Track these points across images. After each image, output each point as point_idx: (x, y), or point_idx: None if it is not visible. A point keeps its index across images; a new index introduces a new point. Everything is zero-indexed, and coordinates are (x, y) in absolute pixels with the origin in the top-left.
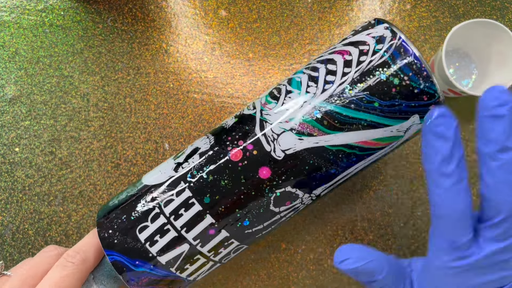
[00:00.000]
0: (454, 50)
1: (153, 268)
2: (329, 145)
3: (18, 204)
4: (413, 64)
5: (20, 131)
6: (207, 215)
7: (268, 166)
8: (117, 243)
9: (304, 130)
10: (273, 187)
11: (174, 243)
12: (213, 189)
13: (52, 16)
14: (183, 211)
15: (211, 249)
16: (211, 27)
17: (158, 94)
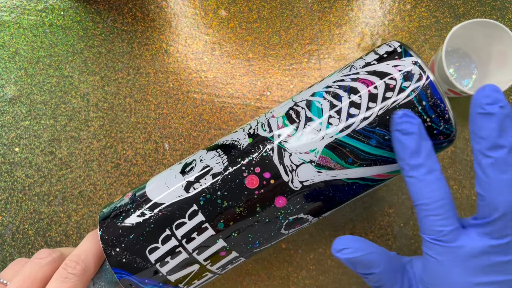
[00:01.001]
0: (454, 50)
1: (162, 285)
2: (346, 178)
3: (18, 204)
4: (437, 106)
5: (20, 131)
6: (219, 239)
7: (284, 196)
8: (126, 262)
9: (323, 163)
10: (287, 215)
11: (185, 264)
12: (227, 215)
13: (52, 16)
14: (196, 235)
15: (220, 267)
16: (211, 27)
17: (158, 94)
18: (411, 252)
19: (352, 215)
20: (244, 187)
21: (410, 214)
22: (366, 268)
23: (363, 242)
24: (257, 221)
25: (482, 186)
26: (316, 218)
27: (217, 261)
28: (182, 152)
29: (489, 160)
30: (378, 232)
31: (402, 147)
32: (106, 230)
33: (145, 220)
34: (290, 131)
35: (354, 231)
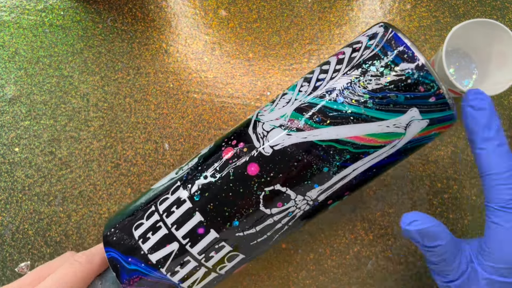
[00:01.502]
0: (454, 50)
1: (145, 267)
2: (318, 140)
3: (18, 204)
4: (404, 53)
5: (20, 131)
6: (196, 212)
7: (256, 162)
8: (115, 240)
9: (293, 125)
10: (261, 184)
11: (164, 241)
12: (203, 186)
13: (52, 16)
14: (175, 208)
15: (201, 250)
16: (211, 27)
17: (158, 94)
18: (411, 252)
19: (352, 215)
20: (220, 158)
21: None
22: (433, 240)
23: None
24: (231, 190)
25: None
26: (301, 197)
27: (196, 241)
28: (182, 152)
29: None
30: (378, 232)
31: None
32: (109, 219)
33: (138, 200)
34: (267, 108)
35: (354, 231)
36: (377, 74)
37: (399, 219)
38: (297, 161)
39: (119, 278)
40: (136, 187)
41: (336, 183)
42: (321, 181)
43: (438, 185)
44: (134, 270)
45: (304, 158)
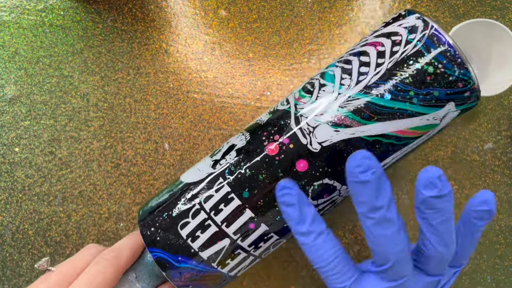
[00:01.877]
0: None
1: (196, 264)
2: (365, 136)
3: (18, 204)
4: (447, 52)
5: (20, 131)
6: (246, 209)
7: (305, 159)
8: (159, 240)
9: (340, 122)
10: (310, 179)
11: (215, 238)
12: (251, 183)
13: (52, 16)
14: (223, 206)
15: (251, 243)
16: (211, 27)
17: (158, 94)
18: None
19: (352, 215)
20: (265, 155)
21: (410, 215)
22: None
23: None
24: None
25: (372, 243)
26: (345, 186)
27: (247, 235)
28: (182, 152)
29: (371, 220)
30: None
31: (288, 218)
32: (142, 215)
33: (176, 198)
34: (306, 100)
35: (354, 231)
36: (421, 71)
37: None
38: (345, 156)
39: (170, 277)
40: (136, 187)
41: None
42: None
43: None
44: (185, 267)
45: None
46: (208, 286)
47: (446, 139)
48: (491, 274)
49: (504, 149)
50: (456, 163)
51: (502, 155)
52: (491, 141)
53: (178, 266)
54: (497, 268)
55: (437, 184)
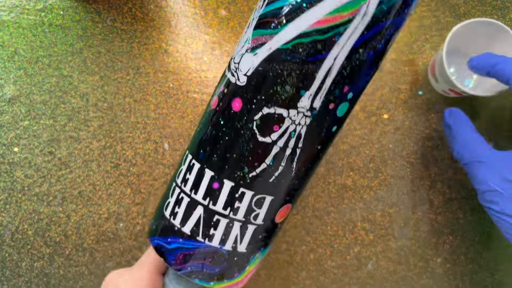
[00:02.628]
0: (455, 50)
1: (183, 242)
2: (282, 45)
3: (17, 204)
4: None
5: (19, 131)
6: (205, 169)
7: (237, 96)
8: (154, 228)
9: (255, 44)
10: (249, 115)
11: (189, 209)
12: (203, 142)
13: (51, 16)
14: (188, 174)
15: (225, 204)
16: (211, 26)
17: (157, 94)
18: (412, 253)
19: (352, 215)
20: (209, 111)
21: (410, 214)
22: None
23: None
24: (226, 135)
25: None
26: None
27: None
28: (182, 152)
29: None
30: (378, 232)
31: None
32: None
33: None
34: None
35: (354, 231)
36: None
37: (399, 219)
38: (272, 76)
39: (168, 262)
40: (135, 187)
41: (324, 81)
42: (306, 85)
43: (438, 185)
44: (175, 248)
45: (277, 69)
46: (210, 267)
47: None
48: (491, 274)
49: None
50: (457, 163)
51: None
52: (491, 141)
53: (169, 248)
54: (497, 268)
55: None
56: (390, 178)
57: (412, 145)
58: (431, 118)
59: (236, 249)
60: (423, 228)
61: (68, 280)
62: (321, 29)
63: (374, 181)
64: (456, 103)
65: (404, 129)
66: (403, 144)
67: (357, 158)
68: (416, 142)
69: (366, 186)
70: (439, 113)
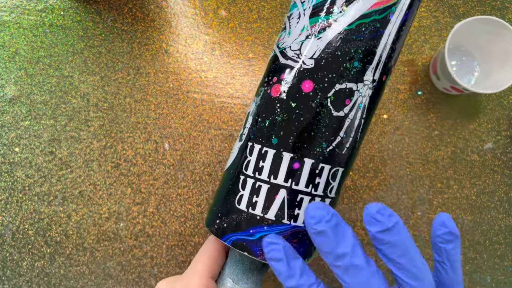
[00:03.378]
0: (456, 48)
1: (268, 229)
2: (347, 26)
3: (18, 204)
4: None
5: (20, 131)
6: (283, 153)
7: (306, 79)
8: (226, 225)
9: (317, 29)
10: (323, 93)
11: (271, 195)
12: (274, 128)
13: (52, 16)
14: (262, 162)
15: (307, 182)
16: (211, 27)
17: (158, 94)
18: None
19: (352, 215)
20: (272, 99)
21: (409, 214)
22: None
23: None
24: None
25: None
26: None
27: (298, 176)
28: (182, 152)
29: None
30: None
31: (278, 273)
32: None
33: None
34: (283, 35)
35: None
36: None
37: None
38: (341, 55)
39: (252, 254)
40: (136, 187)
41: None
42: (369, 60)
43: (438, 185)
44: (260, 237)
45: (344, 48)
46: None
47: (446, 139)
48: (491, 274)
49: (504, 149)
50: (456, 163)
51: (502, 155)
52: (491, 141)
53: (253, 239)
54: (497, 268)
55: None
56: (389, 178)
57: (412, 145)
58: (431, 118)
59: None
60: (423, 228)
61: (69, 279)
62: (379, 9)
63: (374, 181)
64: (457, 100)
65: (404, 129)
66: (403, 144)
67: (357, 158)
68: (416, 142)
69: (365, 186)
70: (438, 113)
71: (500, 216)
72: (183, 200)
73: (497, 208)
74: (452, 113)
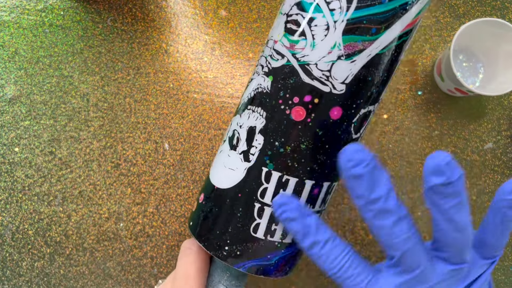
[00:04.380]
0: (461, 49)
1: (284, 252)
2: (382, 50)
3: (17, 204)
4: None
5: (19, 131)
6: (305, 181)
7: (335, 105)
8: (240, 253)
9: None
10: (349, 120)
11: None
12: (296, 156)
13: (52, 16)
14: (282, 191)
15: (320, 203)
16: (211, 27)
17: (158, 94)
18: None
19: (352, 215)
20: (295, 123)
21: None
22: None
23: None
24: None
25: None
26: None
27: (315, 200)
28: (182, 152)
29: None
30: None
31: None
32: (205, 238)
33: (232, 208)
34: (303, 44)
35: (354, 231)
36: None
37: None
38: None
39: (268, 274)
40: (136, 187)
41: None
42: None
43: None
44: (277, 260)
45: (375, 73)
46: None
47: (446, 139)
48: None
49: (504, 149)
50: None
51: (502, 155)
52: (491, 141)
53: (271, 262)
54: (497, 268)
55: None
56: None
57: (412, 145)
58: (431, 118)
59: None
60: (423, 228)
61: (69, 279)
62: (407, 31)
63: None
64: (457, 100)
65: (404, 129)
66: (403, 144)
67: None
68: (416, 142)
69: None
70: (438, 113)
71: None
72: (183, 200)
73: None
74: (452, 113)
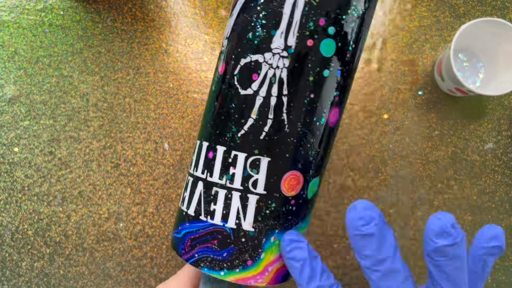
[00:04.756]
0: (461, 49)
1: (189, 226)
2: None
3: (17, 204)
4: None
5: (19, 131)
6: (202, 142)
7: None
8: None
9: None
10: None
11: (192, 189)
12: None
13: (51, 16)
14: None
15: (220, 173)
16: (211, 26)
17: (157, 94)
18: (412, 253)
19: None
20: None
21: (410, 215)
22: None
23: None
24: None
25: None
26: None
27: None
28: (182, 152)
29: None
30: None
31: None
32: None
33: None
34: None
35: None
36: None
37: (399, 219)
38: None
39: (178, 253)
40: (136, 187)
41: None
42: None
43: (438, 185)
44: (184, 234)
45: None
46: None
47: (446, 139)
48: (491, 274)
49: (504, 149)
50: (457, 163)
51: (503, 155)
52: (492, 141)
53: (179, 236)
54: (498, 269)
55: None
56: (390, 178)
57: (412, 145)
58: (431, 118)
59: (240, 226)
60: (423, 228)
61: (68, 280)
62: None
63: (374, 181)
64: (458, 100)
65: (404, 129)
66: (403, 144)
67: (357, 158)
68: (416, 142)
69: (366, 186)
70: (439, 113)
71: (500, 217)
72: None
73: (497, 209)
74: (452, 113)
